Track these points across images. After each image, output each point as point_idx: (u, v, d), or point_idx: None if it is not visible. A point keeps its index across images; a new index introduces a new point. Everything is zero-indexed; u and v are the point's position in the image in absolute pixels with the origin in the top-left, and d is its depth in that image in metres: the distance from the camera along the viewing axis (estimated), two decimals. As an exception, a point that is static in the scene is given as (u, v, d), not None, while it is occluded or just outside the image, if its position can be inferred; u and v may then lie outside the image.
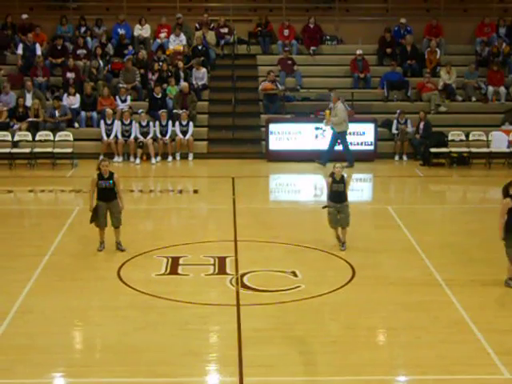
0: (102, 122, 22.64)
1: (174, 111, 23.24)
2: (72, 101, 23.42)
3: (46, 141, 22.23)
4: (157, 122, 22.84)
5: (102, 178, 13.58)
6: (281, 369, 9.29)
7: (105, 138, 22.48)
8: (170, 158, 22.60)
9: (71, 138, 22.26)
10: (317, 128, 21.77)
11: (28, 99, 23.24)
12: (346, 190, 13.91)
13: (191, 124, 22.90)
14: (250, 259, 13.36)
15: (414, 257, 13.64)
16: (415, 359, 9.54)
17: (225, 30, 26.30)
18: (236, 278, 12.37)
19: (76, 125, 23.18)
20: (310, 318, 10.84)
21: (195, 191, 19.28)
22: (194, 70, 24.65)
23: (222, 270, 12.86)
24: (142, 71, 24.50)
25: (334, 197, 13.87)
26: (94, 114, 23.28)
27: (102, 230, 13.76)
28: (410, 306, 11.29)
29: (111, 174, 13.66)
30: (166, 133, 22.72)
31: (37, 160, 21.88)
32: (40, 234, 15.28)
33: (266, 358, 9.53)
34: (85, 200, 17.10)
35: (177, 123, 22.82)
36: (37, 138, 22.26)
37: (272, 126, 22.68)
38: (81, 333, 10.61)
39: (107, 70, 24.83)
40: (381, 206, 17.44)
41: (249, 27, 26.79)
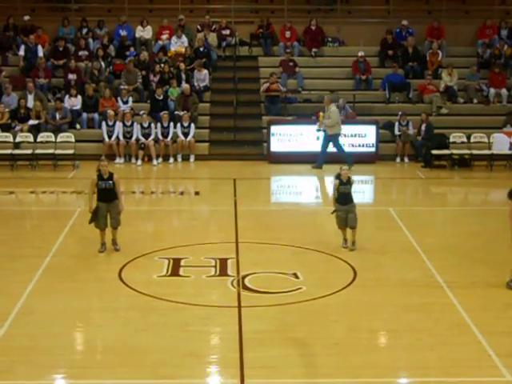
0: (104, 123, 22.65)
1: (176, 113, 23.24)
2: (74, 102, 23.43)
3: (47, 142, 22.23)
4: (158, 124, 22.85)
5: (101, 178, 13.57)
6: (282, 371, 9.28)
7: (106, 139, 22.49)
8: (171, 160, 22.60)
9: (73, 140, 22.27)
10: (318, 130, 21.75)
11: (30, 101, 23.25)
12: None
13: (193, 126, 22.90)
14: (252, 261, 13.35)
15: (415, 259, 13.63)
16: (416, 361, 9.53)
17: (226, 31, 26.31)
18: (237, 279, 12.36)
19: (77, 126, 23.19)
20: (311, 320, 10.83)
21: (196, 193, 19.27)
22: (196, 71, 24.65)
23: (223, 271, 12.85)
24: (144, 73, 24.51)
25: (341, 199, 13.89)
26: (96, 116, 23.29)
27: (102, 231, 13.75)
28: (411, 308, 11.28)
29: (111, 174, 13.66)
30: (167, 134, 22.72)
31: (38, 161, 21.89)
32: (41, 235, 15.29)
33: (267, 359, 9.52)
34: (86, 201, 17.10)
35: (178, 125, 22.82)
36: (38, 139, 22.27)
37: (273, 128, 22.67)
38: (82, 334, 10.61)
39: (109, 72, 24.85)
40: (382, 208, 17.43)
41: (250, 29, 26.80)
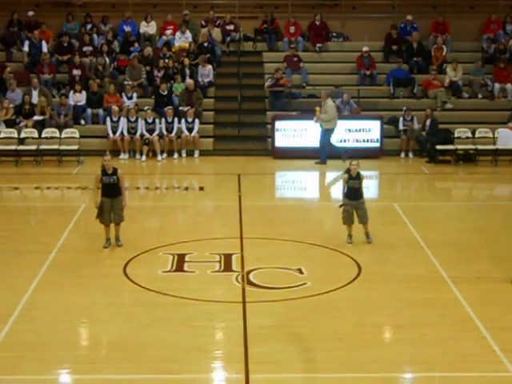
0: (108, 119, 22.66)
1: (180, 108, 23.24)
2: (78, 98, 23.43)
3: (52, 138, 22.25)
4: (163, 119, 22.85)
5: (105, 173, 13.58)
6: (287, 365, 9.28)
7: (111, 135, 22.49)
8: (175, 155, 22.60)
9: (77, 135, 22.29)
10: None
11: (34, 96, 23.26)
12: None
13: (197, 121, 22.90)
14: (256, 256, 13.35)
15: (419, 254, 13.62)
16: (421, 356, 9.52)
17: (231, 27, 26.28)
18: (242, 275, 12.36)
19: (82, 122, 23.20)
20: (315, 315, 10.83)
21: (201, 188, 19.28)
22: (200, 67, 24.63)
23: (227, 267, 12.86)
24: (148, 68, 24.52)
25: (349, 193, 13.92)
26: (100, 111, 23.29)
27: (107, 226, 13.75)
28: (415, 304, 11.28)
29: (115, 169, 13.66)
30: (171, 130, 22.72)
31: (43, 157, 21.91)
32: (46, 230, 15.31)
33: (271, 354, 9.52)
34: (91, 197, 17.12)
35: (183, 120, 22.82)
36: (43, 135, 22.29)
37: (278, 123, 22.66)
38: (87, 329, 10.63)
39: (113, 67, 24.86)
40: (387, 203, 17.42)
41: (255, 24, 26.75)
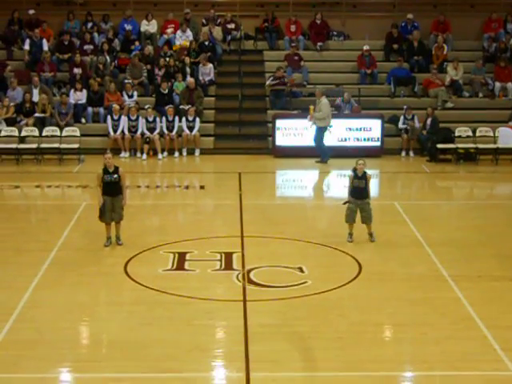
0: (109, 117, 22.66)
1: (181, 107, 23.24)
2: (79, 96, 23.43)
3: (52, 136, 22.26)
4: (163, 118, 22.85)
5: (107, 172, 13.58)
6: (287, 364, 9.29)
7: (111, 133, 22.50)
8: (176, 154, 22.61)
9: (78, 134, 22.29)
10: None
11: (35, 95, 23.27)
12: (368, 186, 13.98)
13: (198, 120, 22.90)
14: (257, 255, 13.35)
15: (420, 253, 13.62)
16: (421, 355, 9.52)
17: (231, 25, 26.28)
18: (242, 273, 12.37)
19: (83, 120, 23.21)
20: (316, 314, 10.84)
21: (202, 187, 19.28)
22: (201, 65, 24.63)
23: (228, 265, 12.86)
24: (149, 67, 24.52)
25: (354, 192, 13.91)
26: (101, 110, 23.30)
27: (108, 225, 13.75)
28: (416, 302, 11.28)
29: (116, 168, 13.66)
30: (172, 128, 22.73)
31: (43, 155, 21.92)
32: (47, 229, 15.31)
33: (272, 353, 9.53)
34: (91, 195, 17.15)
35: (183, 119, 22.83)
36: (44, 133, 22.30)
37: (279, 122, 22.66)
38: (87, 328, 10.63)
39: (114, 66, 24.86)
40: (387, 202, 17.41)
41: (255, 23, 26.75)
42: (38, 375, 9.05)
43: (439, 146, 22.12)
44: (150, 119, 22.70)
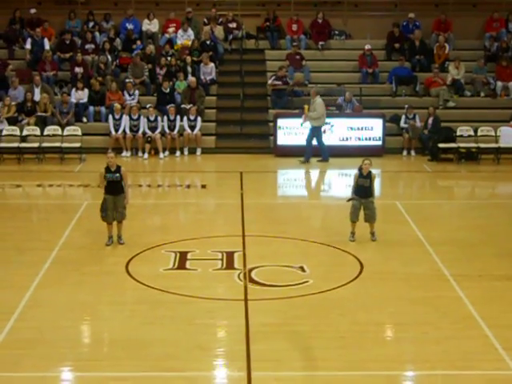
0: (111, 116, 22.66)
1: (182, 106, 23.25)
2: (80, 95, 23.44)
3: (54, 135, 22.26)
4: (165, 117, 22.85)
5: (109, 171, 13.61)
6: (289, 363, 9.29)
7: (113, 132, 22.50)
8: (177, 153, 22.61)
9: (79, 133, 22.29)
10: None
11: (36, 94, 23.29)
12: (372, 185, 14.00)
13: (199, 119, 22.90)
14: (258, 254, 13.36)
15: (422, 252, 13.62)
16: (423, 355, 9.52)
17: (233, 24, 26.27)
18: (244, 272, 12.37)
19: (84, 119, 23.22)
20: (317, 313, 10.83)
21: (203, 186, 19.28)
22: (202, 64, 24.63)
23: (230, 264, 12.86)
24: (150, 66, 24.52)
25: (358, 191, 13.95)
26: (103, 109, 23.30)
27: (109, 224, 13.76)
28: (417, 302, 11.27)
29: (118, 167, 13.68)
30: (174, 127, 22.73)
31: (45, 154, 21.93)
32: (48, 228, 15.32)
33: (273, 352, 9.53)
34: (93, 194, 17.18)
35: (185, 118, 22.83)
36: (45, 132, 22.30)
37: (280, 121, 22.66)
38: (89, 327, 10.64)
39: (115, 65, 24.87)
40: (389, 202, 17.40)
41: (257, 22, 26.76)
42: (38, 374, 9.05)
43: (441, 145, 22.11)
44: (152, 118, 22.69)
